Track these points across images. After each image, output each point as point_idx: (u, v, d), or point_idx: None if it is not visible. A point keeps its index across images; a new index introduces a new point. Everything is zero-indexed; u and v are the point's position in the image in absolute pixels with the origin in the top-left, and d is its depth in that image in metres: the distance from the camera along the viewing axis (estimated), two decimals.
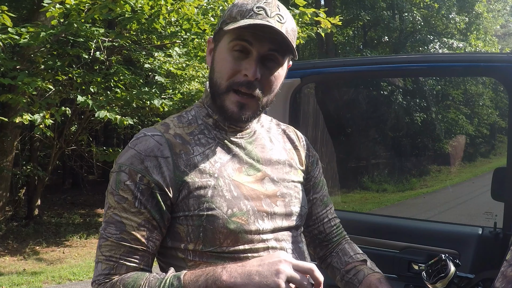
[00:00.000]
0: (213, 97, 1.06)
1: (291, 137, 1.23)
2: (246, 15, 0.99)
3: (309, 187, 1.24)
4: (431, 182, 10.89)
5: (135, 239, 0.98)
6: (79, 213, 9.10)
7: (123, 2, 5.05)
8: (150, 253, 1.01)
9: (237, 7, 1.01)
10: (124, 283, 0.95)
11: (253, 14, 0.98)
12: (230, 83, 1.01)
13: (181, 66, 7.10)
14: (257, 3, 1.00)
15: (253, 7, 0.99)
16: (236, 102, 1.02)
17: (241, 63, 1.00)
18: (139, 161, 0.99)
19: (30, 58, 5.84)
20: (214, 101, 1.06)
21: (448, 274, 1.19)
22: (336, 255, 1.25)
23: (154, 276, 0.95)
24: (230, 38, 1.00)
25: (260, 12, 0.99)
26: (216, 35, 1.06)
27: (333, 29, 5.45)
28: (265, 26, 0.97)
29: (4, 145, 6.79)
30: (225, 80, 1.01)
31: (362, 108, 9.60)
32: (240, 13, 0.99)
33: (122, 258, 0.97)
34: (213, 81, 1.05)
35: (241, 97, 1.02)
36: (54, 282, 5.17)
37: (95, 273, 0.99)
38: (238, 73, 1.00)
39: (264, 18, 0.98)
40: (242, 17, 0.99)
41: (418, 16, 14.68)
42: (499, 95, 12.66)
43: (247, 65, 1.00)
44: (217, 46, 1.05)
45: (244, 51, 1.00)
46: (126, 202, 0.98)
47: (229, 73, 1.01)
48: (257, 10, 0.99)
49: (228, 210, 1.00)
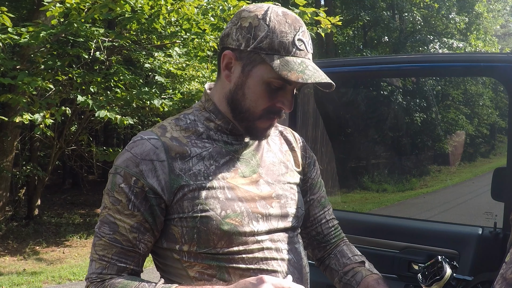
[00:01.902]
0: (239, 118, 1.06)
1: (288, 138, 1.24)
2: (290, 51, 0.99)
3: (306, 188, 1.24)
4: (431, 182, 10.89)
5: (127, 240, 1.00)
6: (79, 213, 9.10)
7: (123, 2, 5.05)
8: (141, 254, 1.03)
9: (277, 36, 0.99)
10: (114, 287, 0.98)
11: (296, 50, 1.00)
12: (265, 112, 1.04)
13: (181, 66, 7.11)
14: (295, 33, 1.00)
15: (294, 40, 1.00)
16: (268, 126, 1.07)
17: (277, 94, 1.03)
18: (134, 165, 1.00)
19: (30, 58, 5.84)
20: (241, 121, 1.06)
21: (444, 276, 1.18)
22: (334, 256, 1.25)
23: (143, 285, 0.97)
24: (271, 74, 1.00)
25: (301, 48, 1.01)
26: (244, 56, 1.02)
27: (333, 29, 5.46)
28: (326, 84, 1.02)
29: (4, 145, 6.78)
30: (261, 110, 1.04)
31: (362, 108, 9.60)
32: (283, 46, 0.99)
33: (114, 258, 1.00)
34: (242, 105, 1.04)
35: (272, 121, 1.07)
36: (54, 282, 5.17)
37: (89, 270, 1.03)
38: (273, 104, 1.04)
39: (306, 56, 1.01)
40: (286, 52, 0.99)
41: (418, 16, 14.68)
42: (499, 95, 12.66)
43: (283, 98, 1.03)
44: (248, 70, 1.02)
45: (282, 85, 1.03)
46: (120, 204, 1.00)
47: (267, 105, 1.03)
48: (299, 45, 1.00)
49: (221, 211, 1.01)
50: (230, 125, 1.08)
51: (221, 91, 1.08)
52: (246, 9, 1.04)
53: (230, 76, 1.04)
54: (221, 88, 1.08)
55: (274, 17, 1.00)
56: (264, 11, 1.01)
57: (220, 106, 1.08)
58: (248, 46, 1.00)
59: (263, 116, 1.04)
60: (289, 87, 1.03)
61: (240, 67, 1.02)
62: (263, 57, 0.99)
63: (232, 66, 1.04)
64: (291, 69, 0.97)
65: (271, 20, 1.00)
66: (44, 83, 5.36)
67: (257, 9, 1.02)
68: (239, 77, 1.03)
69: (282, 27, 0.99)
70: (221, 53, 1.05)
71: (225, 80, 1.05)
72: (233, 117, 1.07)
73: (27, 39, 5.01)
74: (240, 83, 1.03)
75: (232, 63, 1.03)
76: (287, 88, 1.03)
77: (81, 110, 6.97)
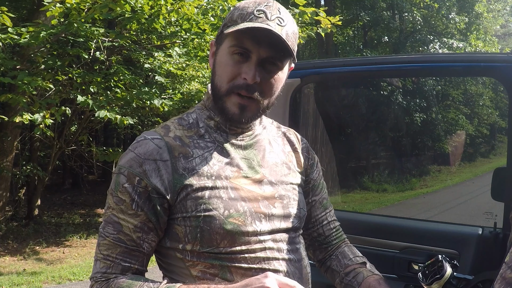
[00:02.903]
0: (214, 99, 1.07)
1: (291, 139, 1.24)
2: (247, 18, 1.00)
3: (308, 189, 1.25)
4: (431, 182, 10.88)
5: (131, 240, 1.01)
6: (79, 213, 9.09)
7: (123, 2, 5.05)
8: (145, 254, 1.03)
9: (238, 10, 1.02)
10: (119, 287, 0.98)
11: (253, 17, 0.99)
12: (231, 86, 1.03)
13: (181, 66, 7.10)
14: (258, 6, 1.01)
15: (253, 10, 1.00)
16: (237, 104, 1.04)
17: (241, 66, 1.02)
18: (138, 164, 1.01)
19: (30, 58, 5.84)
20: (216, 103, 1.07)
21: (444, 275, 1.18)
22: (336, 258, 1.26)
23: (148, 285, 0.97)
24: (230, 43, 1.02)
25: (260, 16, 1.00)
26: (218, 38, 1.07)
27: (333, 28, 5.46)
28: (264, 29, 0.98)
29: (4, 145, 6.78)
30: (226, 83, 1.03)
31: (362, 108, 9.60)
32: (241, 16, 1.00)
33: (118, 258, 1.01)
34: (214, 83, 1.06)
35: (242, 99, 1.03)
36: (54, 282, 5.17)
37: (94, 270, 1.03)
38: (238, 76, 1.02)
39: (264, 22, 0.99)
40: (242, 20, 1.00)
41: (418, 16, 14.68)
42: (499, 95, 12.64)
43: (247, 69, 1.01)
44: (219, 49, 1.06)
45: (244, 55, 1.01)
46: (123, 204, 1.01)
47: (229, 76, 1.02)
48: (258, 13, 1.00)
49: (225, 211, 1.01)
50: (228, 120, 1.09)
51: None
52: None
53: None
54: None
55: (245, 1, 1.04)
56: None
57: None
58: (222, 31, 1.04)
59: (229, 91, 1.03)
60: (252, 59, 1.01)
61: (215, 50, 1.07)
62: (224, 32, 1.02)
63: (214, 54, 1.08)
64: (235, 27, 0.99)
65: (241, 3, 1.04)
66: (44, 83, 5.36)
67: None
68: (213, 59, 1.07)
69: (246, 4, 1.02)
70: None
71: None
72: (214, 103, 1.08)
73: (27, 39, 5.01)
74: (213, 63, 1.07)
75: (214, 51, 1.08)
76: (251, 60, 1.01)
77: (81, 110, 6.97)
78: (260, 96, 1.04)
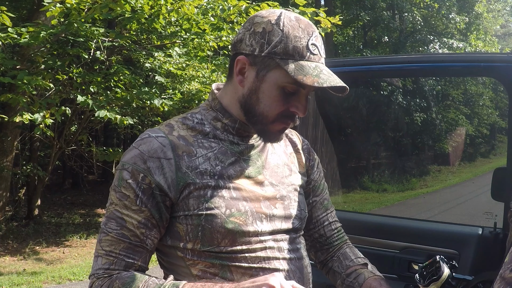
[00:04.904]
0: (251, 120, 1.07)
1: (293, 140, 1.25)
2: (305, 56, 1.00)
3: (309, 190, 1.25)
4: (431, 182, 10.88)
5: (135, 235, 1.01)
6: (79, 213, 9.10)
7: (123, 2, 5.05)
8: (148, 250, 1.03)
9: (291, 41, 0.99)
10: (123, 282, 0.97)
11: (310, 54, 1.00)
12: (279, 116, 1.04)
13: (181, 66, 7.10)
14: (309, 38, 1.01)
15: (307, 44, 1.00)
16: (282, 130, 1.07)
17: (291, 98, 1.03)
18: (142, 161, 1.01)
19: (30, 58, 5.84)
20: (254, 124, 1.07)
21: (441, 276, 1.17)
22: (337, 259, 1.26)
23: (153, 280, 0.97)
24: (286, 79, 1.00)
25: (315, 52, 1.01)
26: (259, 61, 1.02)
27: (333, 28, 5.45)
28: (340, 88, 1.01)
29: (4, 145, 6.78)
30: (275, 114, 1.04)
31: (362, 108, 9.59)
32: (297, 51, 0.99)
33: (122, 253, 1.00)
34: (255, 109, 1.05)
35: (286, 125, 1.07)
36: (54, 282, 5.17)
37: (95, 266, 1.02)
38: (287, 108, 1.04)
39: (320, 60, 1.02)
40: (300, 56, 0.99)
41: (418, 16, 14.69)
42: (499, 95, 12.64)
43: (297, 103, 1.04)
44: (265, 76, 1.02)
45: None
46: (127, 199, 1.01)
47: (281, 109, 1.03)
48: (313, 49, 1.01)
49: (226, 210, 1.02)
50: (237, 124, 1.08)
51: (233, 95, 1.08)
52: (259, 14, 1.05)
53: (243, 81, 1.05)
54: (233, 93, 1.08)
55: (288, 22, 1.01)
56: (277, 16, 1.01)
57: (231, 109, 1.08)
58: (262, 51, 1.01)
59: (276, 120, 1.05)
60: (302, 92, 1.03)
61: (254, 72, 1.03)
62: (277, 62, 0.99)
63: (246, 72, 1.04)
64: (306, 73, 0.98)
65: (284, 25, 1.00)
66: (44, 82, 5.36)
67: (270, 15, 1.03)
68: (253, 82, 1.04)
69: (295, 32, 1.00)
70: (234, 58, 1.05)
71: (238, 85, 1.06)
72: (247, 120, 1.07)
73: (27, 39, 5.01)
74: (254, 88, 1.04)
75: (245, 68, 1.04)
76: (301, 93, 1.03)
77: (81, 110, 6.97)
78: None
